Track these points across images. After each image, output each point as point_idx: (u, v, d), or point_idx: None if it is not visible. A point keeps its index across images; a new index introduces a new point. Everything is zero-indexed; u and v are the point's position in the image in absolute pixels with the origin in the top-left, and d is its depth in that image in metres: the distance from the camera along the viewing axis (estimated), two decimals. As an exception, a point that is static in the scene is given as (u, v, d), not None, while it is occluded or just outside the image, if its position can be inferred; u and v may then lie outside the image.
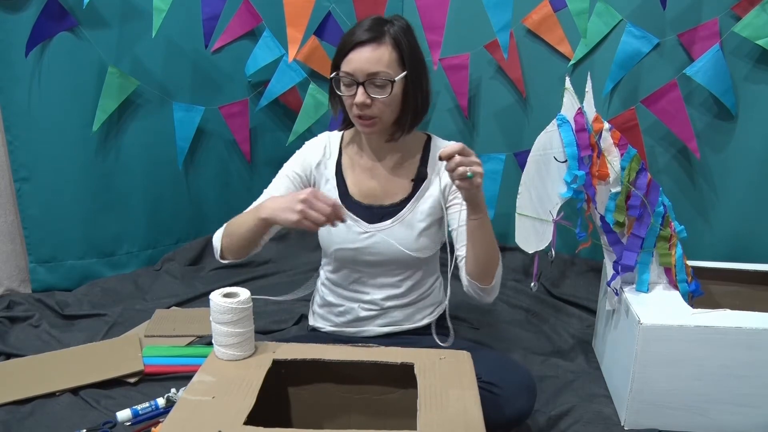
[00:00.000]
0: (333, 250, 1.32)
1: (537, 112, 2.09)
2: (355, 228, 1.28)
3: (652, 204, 1.42)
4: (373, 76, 1.16)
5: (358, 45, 1.16)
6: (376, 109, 1.18)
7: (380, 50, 1.15)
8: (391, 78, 1.16)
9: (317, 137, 1.38)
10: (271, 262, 2.30)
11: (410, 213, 1.29)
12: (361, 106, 1.17)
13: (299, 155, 1.35)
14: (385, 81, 1.16)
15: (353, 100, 1.18)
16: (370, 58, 1.15)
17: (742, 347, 1.26)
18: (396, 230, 1.28)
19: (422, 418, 0.86)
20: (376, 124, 1.20)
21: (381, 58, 1.15)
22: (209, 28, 2.02)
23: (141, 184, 2.15)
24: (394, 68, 1.17)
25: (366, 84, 1.16)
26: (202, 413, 0.86)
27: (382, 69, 1.15)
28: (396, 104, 1.21)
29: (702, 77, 1.71)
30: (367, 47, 1.15)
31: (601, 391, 1.48)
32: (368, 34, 1.15)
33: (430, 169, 1.30)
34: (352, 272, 1.33)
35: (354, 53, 1.16)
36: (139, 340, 1.64)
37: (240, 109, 2.24)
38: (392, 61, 1.17)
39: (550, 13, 1.95)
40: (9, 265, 1.99)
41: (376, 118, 1.19)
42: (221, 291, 1.03)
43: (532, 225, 1.42)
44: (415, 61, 1.20)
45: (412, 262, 1.31)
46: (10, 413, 1.34)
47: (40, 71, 1.88)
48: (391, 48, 1.16)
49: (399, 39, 1.17)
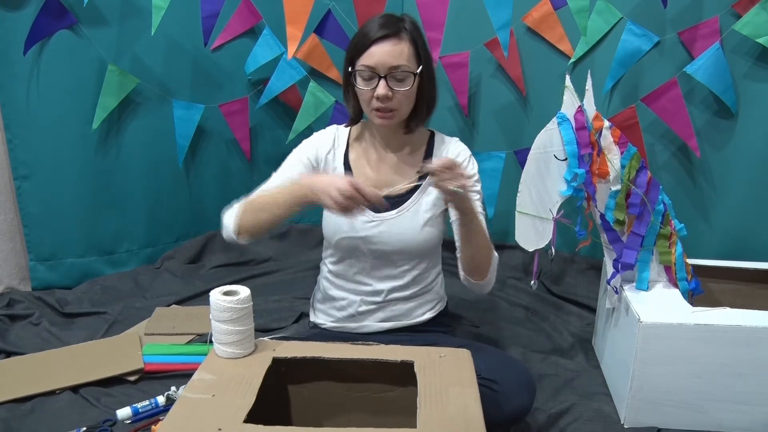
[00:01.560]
0: (338, 239, 1.33)
1: (537, 110, 2.09)
2: (361, 217, 1.29)
3: (652, 202, 1.42)
4: (394, 69, 1.20)
5: (379, 40, 1.20)
6: (395, 101, 1.22)
7: (401, 45, 1.21)
8: (413, 71, 1.21)
9: (326, 129, 1.41)
10: (272, 260, 2.31)
11: (415, 204, 1.31)
12: (383, 99, 1.21)
13: (311, 142, 1.37)
14: (406, 74, 1.21)
15: (373, 93, 1.21)
16: (391, 52, 1.19)
17: (741, 345, 1.26)
18: (401, 220, 1.30)
19: (422, 415, 0.86)
20: (395, 116, 1.25)
21: (402, 52, 1.20)
22: (209, 26, 2.02)
23: (141, 183, 2.15)
24: (412, 62, 1.22)
25: (388, 77, 1.20)
26: (202, 411, 0.86)
27: (404, 62, 1.20)
28: (412, 97, 1.25)
29: (702, 75, 1.71)
30: (388, 42, 1.20)
31: (601, 389, 1.48)
32: (387, 30, 1.20)
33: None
34: (356, 262, 1.34)
35: (375, 47, 1.20)
36: (139, 338, 1.65)
37: (240, 107, 2.24)
38: (411, 55, 1.22)
39: (550, 11, 1.94)
40: (9, 263, 1.99)
41: (395, 110, 1.23)
42: (221, 289, 1.03)
43: (532, 223, 1.42)
44: (427, 56, 1.26)
45: (415, 253, 1.33)
46: (10, 411, 1.34)
47: (39, 69, 1.88)
48: (409, 43, 1.22)
49: (414, 34, 1.23)
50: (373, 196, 1.07)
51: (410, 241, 1.30)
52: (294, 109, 2.24)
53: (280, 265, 2.25)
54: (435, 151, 1.35)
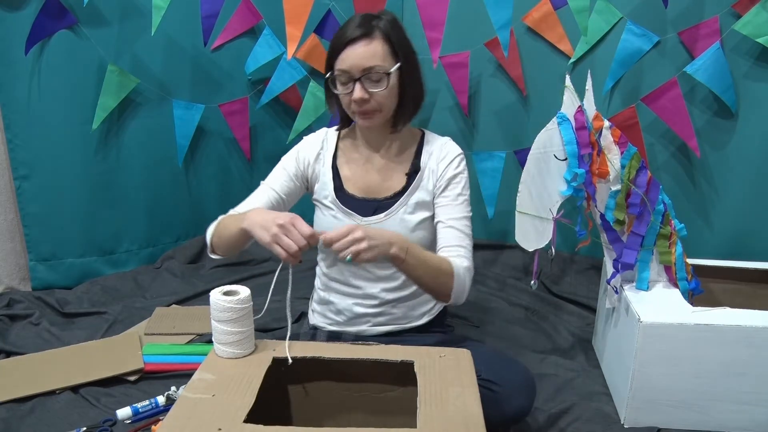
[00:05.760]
0: None
1: (537, 110, 2.09)
2: (349, 221, 1.29)
3: (652, 202, 1.42)
4: (368, 71, 1.18)
5: (350, 42, 1.18)
6: (375, 102, 1.20)
7: (372, 45, 1.18)
8: (387, 71, 1.19)
9: (315, 132, 1.40)
10: (272, 260, 2.30)
11: (402, 207, 1.30)
12: (359, 102, 1.19)
13: (296, 149, 1.37)
14: (380, 75, 1.18)
15: (351, 97, 1.20)
16: (364, 54, 1.17)
17: (741, 345, 1.26)
18: (388, 224, 1.29)
19: (422, 415, 0.86)
20: (376, 116, 1.23)
21: (375, 52, 1.18)
22: (208, 26, 2.02)
23: (141, 182, 2.15)
24: (388, 61, 1.19)
25: (362, 79, 1.18)
26: (202, 411, 0.86)
27: (377, 63, 1.18)
28: (394, 95, 1.23)
29: (702, 75, 1.71)
30: (359, 43, 1.18)
31: (601, 389, 1.48)
32: (359, 31, 1.18)
33: (423, 163, 1.31)
34: (348, 266, 1.33)
35: (347, 51, 1.18)
36: (139, 338, 1.65)
37: (240, 107, 2.24)
38: (385, 54, 1.19)
39: (550, 11, 1.94)
40: (9, 263, 1.99)
41: (377, 111, 1.22)
42: (221, 289, 1.03)
43: (532, 223, 1.42)
44: (406, 51, 1.23)
45: None
46: (10, 411, 1.34)
47: (39, 69, 1.88)
48: (382, 41, 1.19)
49: (389, 32, 1.20)
50: (307, 231, 1.03)
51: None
52: (294, 109, 2.24)
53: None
54: (423, 151, 1.33)
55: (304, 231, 1.03)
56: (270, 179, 1.34)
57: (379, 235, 1.06)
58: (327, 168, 1.33)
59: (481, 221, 2.20)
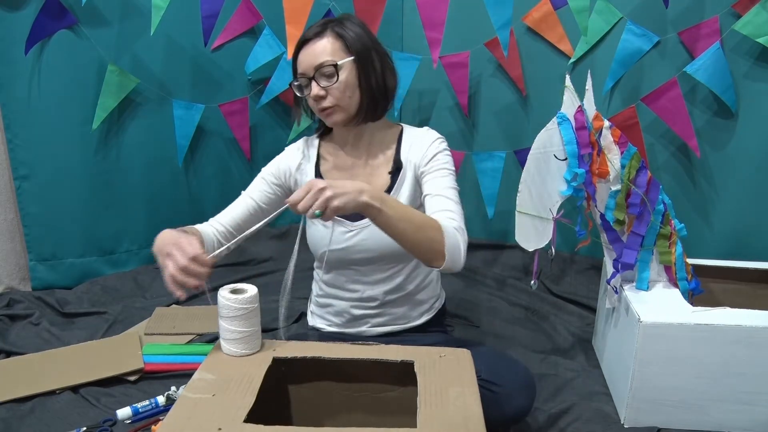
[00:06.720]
0: (321, 253, 1.32)
1: (537, 110, 2.09)
2: (339, 228, 1.29)
3: (652, 202, 1.42)
4: (319, 67, 1.20)
5: (303, 45, 1.22)
6: (332, 97, 1.22)
7: (322, 42, 1.21)
8: (334, 63, 1.20)
9: (296, 142, 1.40)
10: (272, 260, 2.31)
11: None
12: (317, 99, 1.22)
13: (276, 160, 1.37)
14: (330, 69, 1.20)
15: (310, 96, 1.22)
16: (313, 52, 1.21)
17: (742, 345, 1.26)
18: None
19: (422, 415, 0.86)
20: (336, 112, 1.23)
21: (324, 48, 1.20)
22: (209, 26, 2.02)
23: (141, 182, 2.15)
24: (338, 55, 1.21)
25: (316, 77, 1.21)
26: (202, 411, 0.86)
27: (326, 58, 1.20)
28: (352, 89, 1.23)
29: (702, 75, 1.71)
30: (310, 44, 1.21)
31: (601, 389, 1.48)
32: (311, 33, 1.22)
33: (404, 158, 1.30)
34: (344, 272, 1.33)
35: (302, 53, 1.23)
36: (139, 338, 1.65)
37: (240, 107, 2.24)
38: (336, 49, 1.21)
39: (550, 11, 1.94)
40: (9, 263, 1.99)
41: (336, 106, 1.22)
42: (229, 287, 1.03)
43: (532, 223, 1.42)
44: (362, 46, 1.23)
45: (402, 254, 1.27)
46: (10, 411, 1.34)
47: (39, 69, 1.88)
48: (333, 38, 1.21)
49: (341, 29, 1.22)
50: (191, 252, 0.98)
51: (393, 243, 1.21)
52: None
53: (280, 265, 2.25)
54: (402, 145, 1.31)
55: (188, 252, 0.98)
56: (249, 188, 1.34)
57: (345, 185, 1.01)
58: (310, 176, 1.33)
59: (481, 221, 2.20)
